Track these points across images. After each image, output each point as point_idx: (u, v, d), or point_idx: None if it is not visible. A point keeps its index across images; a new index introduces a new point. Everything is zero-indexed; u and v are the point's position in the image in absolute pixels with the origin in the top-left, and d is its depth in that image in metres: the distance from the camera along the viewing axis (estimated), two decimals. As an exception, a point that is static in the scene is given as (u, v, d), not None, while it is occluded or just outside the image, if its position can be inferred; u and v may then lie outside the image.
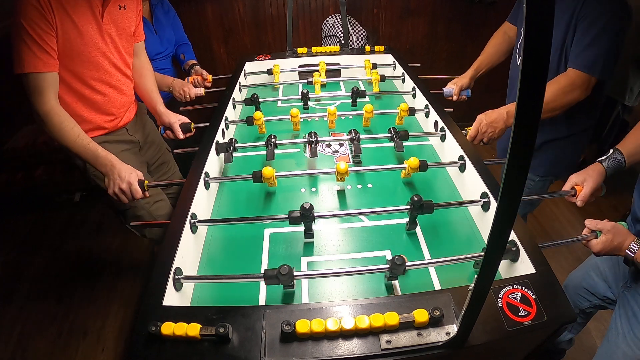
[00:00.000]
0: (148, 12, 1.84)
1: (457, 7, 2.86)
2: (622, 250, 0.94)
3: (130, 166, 1.30)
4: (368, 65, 1.93)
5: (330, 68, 1.97)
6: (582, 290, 1.38)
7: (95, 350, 1.86)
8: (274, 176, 1.16)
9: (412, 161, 1.17)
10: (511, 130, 0.45)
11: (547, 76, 0.42)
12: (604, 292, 1.30)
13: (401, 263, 0.83)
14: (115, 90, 1.43)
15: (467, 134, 1.39)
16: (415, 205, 1.00)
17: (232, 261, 1.03)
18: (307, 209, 0.98)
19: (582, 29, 1.24)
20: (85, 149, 1.26)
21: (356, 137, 1.34)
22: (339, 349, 0.70)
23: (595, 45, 1.21)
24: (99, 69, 1.34)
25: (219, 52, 2.91)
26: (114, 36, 1.36)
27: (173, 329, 0.70)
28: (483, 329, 0.72)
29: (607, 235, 0.94)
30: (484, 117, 1.35)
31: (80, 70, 1.29)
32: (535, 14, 0.38)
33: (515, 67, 1.57)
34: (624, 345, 1.13)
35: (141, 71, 1.58)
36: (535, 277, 0.82)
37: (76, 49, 1.25)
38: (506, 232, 0.53)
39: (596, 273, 1.32)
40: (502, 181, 0.48)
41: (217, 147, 1.33)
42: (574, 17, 1.25)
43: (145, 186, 1.28)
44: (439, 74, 1.91)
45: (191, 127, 1.55)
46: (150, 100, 1.58)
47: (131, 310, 2.04)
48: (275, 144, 1.34)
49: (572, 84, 1.25)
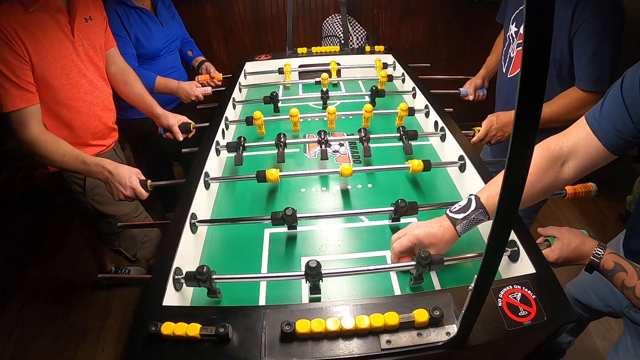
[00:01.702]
0: (150, 6, 1.83)
1: (457, 7, 2.86)
2: (585, 255, 0.84)
3: (127, 166, 1.29)
4: (379, 65, 1.92)
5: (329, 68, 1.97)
6: (579, 303, 1.36)
7: (95, 350, 1.86)
8: (278, 177, 1.16)
9: (417, 165, 1.17)
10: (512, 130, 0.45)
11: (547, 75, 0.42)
12: (600, 309, 1.26)
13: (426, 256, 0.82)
14: (98, 107, 1.41)
15: (475, 135, 1.38)
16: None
17: (232, 261, 1.03)
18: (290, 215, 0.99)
19: (579, 44, 1.21)
20: (74, 163, 1.25)
21: (366, 138, 1.32)
22: (339, 349, 0.70)
23: (598, 60, 1.19)
24: (79, 88, 1.32)
25: (219, 52, 2.91)
26: (89, 50, 1.35)
27: (173, 329, 0.70)
28: (483, 329, 0.72)
29: (562, 240, 0.86)
30: (495, 119, 1.34)
31: (60, 94, 1.28)
32: (535, 15, 0.38)
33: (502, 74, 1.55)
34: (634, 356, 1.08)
35: (124, 78, 1.53)
36: (535, 277, 0.82)
37: (54, 73, 1.23)
38: (506, 232, 0.53)
39: (593, 290, 1.27)
40: (502, 181, 0.48)
41: (227, 147, 1.32)
42: (570, 32, 1.21)
43: (149, 186, 1.28)
44: (439, 74, 1.92)
45: (191, 127, 1.54)
46: (144, 104, 1.55)
47: (131, 310, 2.04)
48: (285, 143, 1.32)
49: (583, 99, 1.24)
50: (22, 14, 1.15)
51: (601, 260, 0.83)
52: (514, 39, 1.43)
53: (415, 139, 1.35)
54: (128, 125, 1.87)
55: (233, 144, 1.31)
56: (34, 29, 1.17)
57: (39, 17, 1.19)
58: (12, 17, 1.13)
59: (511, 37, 1.44)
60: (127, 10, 1.70)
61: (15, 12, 1.14)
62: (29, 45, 1.15)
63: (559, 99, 1.28)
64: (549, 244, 0.89)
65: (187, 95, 1.82)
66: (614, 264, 0.82)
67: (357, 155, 1.41)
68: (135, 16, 1.73)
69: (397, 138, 1.36)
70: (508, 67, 1.47)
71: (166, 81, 1.81)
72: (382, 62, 1.93)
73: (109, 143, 1.53)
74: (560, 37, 1.23)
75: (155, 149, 2.07)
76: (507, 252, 0.92)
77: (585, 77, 1.22)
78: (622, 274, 0.81)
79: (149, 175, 1.31)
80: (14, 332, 1.94)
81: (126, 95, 1.56)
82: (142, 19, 1.75)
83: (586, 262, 0.86)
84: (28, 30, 1.15)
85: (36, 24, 1.18)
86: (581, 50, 1.21)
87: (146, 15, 1.76)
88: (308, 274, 0.83)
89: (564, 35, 1.22)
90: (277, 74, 1.95)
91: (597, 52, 1.18)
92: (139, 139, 2.01)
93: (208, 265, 0.84)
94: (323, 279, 0.85)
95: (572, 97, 1.25)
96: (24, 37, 1.14)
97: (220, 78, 1.94)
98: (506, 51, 1.49)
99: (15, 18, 1.13)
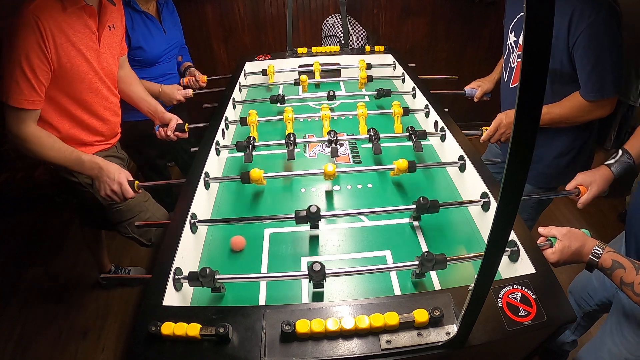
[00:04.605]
0: (155, 11, 1.83)
1: (457, 7, 2.86)
2: (584, 255, 0.85)
3: (118, 166, 1.30)
4: (362, 65, 1.92)
5: (329, 68, 1.97)
6: (585, 294, 1.38)
7: (95, 350, 1.86)
8: (262, 178, 1.16)
9: (401, 163, 1.17)
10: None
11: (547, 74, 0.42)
12: (603, 297, 1.29)
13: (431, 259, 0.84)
14: (110, 112, 1.43)
15: (483, 133, 1.39)
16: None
17: (232, 261, 1.03)
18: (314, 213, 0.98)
19: (580, 57, 1.20)
20: (68, 158, 1.25)
21: (375, 137, 1.33)
22: (339, 349, 0.70)
23: (599, 70, 1.18)
24: (97, 92, 1.34)
25: (219, 52, 2.91)
26: (109, 58, 1.36)
27: (173, 329, 0.70)
28: (483, 329, 0.72)
29: (563, 242, 0.86)
30: (504, 117, 1.35)
31: (80, 97, 1.29)
32: (535, 15, 0.38)
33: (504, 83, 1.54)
34: (610, 343, 1.12)
35: (130, 80, 1.57)
36: (535, 277, 0.82)
37: (77, 76, 1.24)
38: (506, 232, 0.53)
39: (596, 277, 1.30)
40: (502, 181, 0.48)
41: (236, 147, 1.33)
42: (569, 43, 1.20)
43: (136, 186, 1.28)
44: (439, 74, 1.92)
45: (185, 128, 1.54)
46: (146, 104, 1.58)
47: (131, 310, 2.03)
48: (295, 142, 1.33)
49: (590, 105, 1.24)
50: (60, 13, 1.14)
51: (600, 259, 0.84)
52: (514, 49, 1.43)
53: (424, 139, 1.35)
54: (124, 127, 1.87)
55: (243, 142, 1.32)
56: (68, 29, 1.17)
57: (73, 19, 1.19)
58: (51, 15, 1.11)
59: (511, 47, 1.45)
60: (132, 15, 1.70)
61: (54, 9, 1.13)
62: (60, 47, 1.15)
63: (569, 101, 1.29)
64: (551, 244, 0.89)
65: (169, 99, 1.84)
66: (612, 262, 0.82)
67: (357, 155, 1.41)
68: (139, 21, 1.73)
69: (407, 137, 1.36)
70: (509, 76, 1.48)
71: (149, 85, 1.80)
72: (366, 63, 1.92)
73: (113, 142, 1.54)
74: (559, 48, 1.23)
75: (149, 149, 2.07)
76: (507, 252, 0.92)
77: (588, 88, 1.22)
78: (620, 271, 0.81)
79: (143, 177, 1.31)
80: (14, 332, 1.94)
81: (130, 98, 1.58)
82: (146, 24, 1.75)
83: (585, 261, 0.86)
84: (62, 31, 1.15)
85: (70, 25, 1.17)
86: (582, 63, 1.20)
87: (150, 21, 1.76)
88: (312, 277, 0.84)
89: (562, 46, 1.22)
90: (282, 74, 1.95)
91: (598, 62, 1.18)
92: (134, 140, 2.01)
93: (208, 265, 0.84)
94: (326, 278, 0.85)
95: (580, 101, 1.26)
96: (58, 37, 1.13)
97: (205, 80, 1.96)
98: (506, 60, 1.49)
99: (53, 16, 1.12)
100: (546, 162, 1.45)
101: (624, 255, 0.84)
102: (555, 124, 1.32)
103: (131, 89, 1.57)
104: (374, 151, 1.31)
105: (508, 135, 1.33)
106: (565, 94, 1.29)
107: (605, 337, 1.15)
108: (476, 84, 1.73)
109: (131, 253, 2.35)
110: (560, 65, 1.25)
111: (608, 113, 1.26)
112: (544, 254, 0.88)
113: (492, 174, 1.13)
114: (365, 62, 1.90)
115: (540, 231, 0.92)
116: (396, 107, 1.48)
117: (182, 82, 1.94)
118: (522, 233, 0.92)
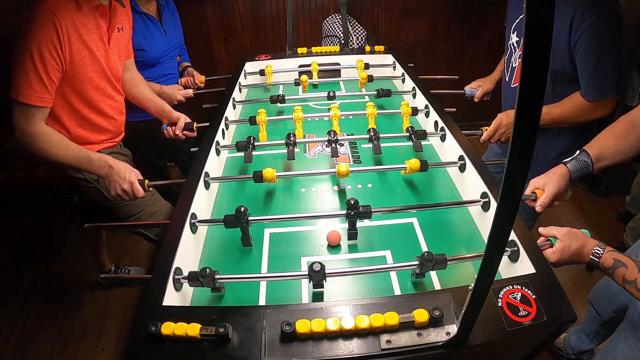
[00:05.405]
0: (156, 12, 1.83)
1: (457, 7, 2.86)
2: (584, 256, 0.85)
3: (128, 165, 1.30)
4: (360, 66, 1.92)
5: (329, 68, 1.97)
6: (605, 299, 1.37)
7: (95, 350, 1.86)
8: (274, 177, 1.16)
9: (413, 162, 1.17)
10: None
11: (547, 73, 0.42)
12: (622, 302, 1.28)
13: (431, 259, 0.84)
14: (116, 111, 1.44)
15: (483, 133, 1.39)
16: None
17: (232, 261, 1.03)
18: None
19: (580, 58, 1.20)
20: (77, 157, 1.25)
21: (375, 137, 1.33)
22: (339, 349, 0.70)
23: (600, 71, 1.19)
24: (104, 91, 1.35)
25: (219, 52, 2.91)
26: (116, 59, 1.37)
27: (173, 329, 0.70)
28: (483, 329, 0.72)
29: (564, 242, 0.86)
30: (505, 117, 1.35)
31: (88, 96, 1.29)
32: (535, 16, 0.38)
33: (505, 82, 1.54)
34: (624, 344, 1.13)
35: (136, 82, 1.58)
36: (535, 277, 0.82)
37: (87, 75, 1.25)
38: (506, 232, 0.53)
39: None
40: (502, 181, 0.48)
41: (236, 146, 1.33)
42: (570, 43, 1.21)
43: (146, 185, 1.28)
44: (439, 74, 1.91)
45: (193, 127, 1.55)
46: (154, 104, 1.58)
47: (131, 310, 2.03)
48: (295, 142, 1.33)
49: (590, 106, 1.25)
50: (74, 11, 1.15)
51: (600, 259, 0.83)
52: (516, 49, 1.43)
53: (424, 139, 1.35)
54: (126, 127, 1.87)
55: (242, 142, 1.32)
56: (81, 28, 1.17)
57: (87, 18, 1.19)
58: (67, 13, 1.12)
59: (512, 47, 1.45)
60: (133, 16, 1.70)
61: (69, 7, 1.13)
62: (73, 45, 1.15)
63: (569, 101, 1.29)
64: (551, 244, 0.89)
65: (170, 99, 1.84)
66: (614, 261, 0.82)
67: (357, 155, 1.41)
68: (140, 23, 1.73)
69: (407, 137, 1.36)
70: (511, 76, 1.48)
71: (150, 85, 1.80)
72: (364, 63, 1.92)
73: (117, 140, 1.54)
74: (561, 49, 1.23)
75: (149, 150, 2.07)
76: (507, 252, 0.92)
77: (589, 89, 1.23)
78: (622, 269, 0.80)
79: (144, 176, 1.31)
80: (14, 332, 1.94)
81: (137, 100, 1.59)
82: (147, 26, 1.75)
83: (586, 261, 0.85)
84: (77, 30, 1.15)
85: (83, 24, 1.18)
86: (583, 63, 1.21)
87: (151, 22, 1.76)
88: (311, 276, 0.83)
89: (564, 47, 1.22)
90: (282, 74, 1.94)
91: (598, 63, 1.18)
92: (134, 140, 2.01)
93: (208, 265, 0.84)
94: (326, 278, 0.85)
95: (581, 102, 1.26)
96: (73, 35, 1.14)
97: (203, 80, 1.97)
98: (508, 60, 1.50)
99: (69, 14, 1.12)
100: (546, 162, 1.45)
101: (625, 254, 0.83)
102: (555, 124, 1.32)
103: (138, 90, 1.58)
104: (374, 151, 1.31)
105: (508, 135, 1.33)
106: (566, 94, 1.30)
107: (620, 338, 1.15)
108: (477, 84, 1.73)
109: (131, 253, 2.35)
110: (562, 66, 1.26)
111: (608, 113, 1.26)
112: (544, 254, 0.88)
113: (492, 173, 1.13)
114: (363, 62, 1.90)
115: (540, 231, 0.92)
116: (405, 107, 1.48)
117: (180, 82, 1.95)
118: (522, 233, 0.92)
